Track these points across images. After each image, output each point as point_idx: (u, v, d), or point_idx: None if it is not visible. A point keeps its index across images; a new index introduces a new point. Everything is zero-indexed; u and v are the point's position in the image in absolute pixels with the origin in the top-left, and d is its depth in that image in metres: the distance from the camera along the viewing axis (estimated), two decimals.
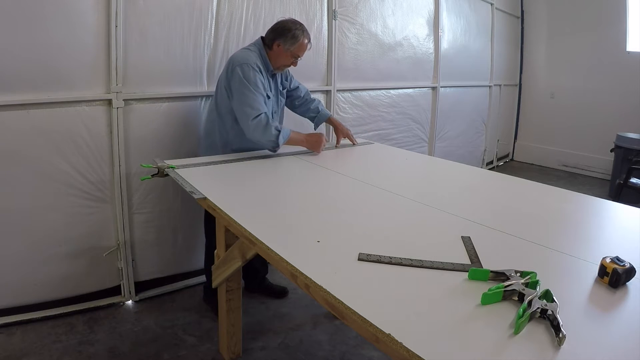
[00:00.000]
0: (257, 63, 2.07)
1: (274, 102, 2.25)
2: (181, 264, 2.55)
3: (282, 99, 2.35)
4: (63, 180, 2.09)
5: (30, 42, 1.90)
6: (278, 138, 2.01)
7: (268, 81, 2.16)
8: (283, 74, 2.32)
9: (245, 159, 2.08)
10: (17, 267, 2.06)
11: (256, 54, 2.11)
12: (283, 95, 2.35)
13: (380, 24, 3.52)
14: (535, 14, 5.70)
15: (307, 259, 1.11)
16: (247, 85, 2.00)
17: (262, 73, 2.08)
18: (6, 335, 2.00)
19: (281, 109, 2.36)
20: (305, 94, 2.48)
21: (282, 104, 2.36)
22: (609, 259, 1.01)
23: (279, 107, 2.32)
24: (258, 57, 2.11)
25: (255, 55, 2.10)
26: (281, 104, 2.34)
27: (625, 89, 4.88)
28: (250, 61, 2.05)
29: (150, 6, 2.20)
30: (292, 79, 2.42)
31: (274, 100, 2.25)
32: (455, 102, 4.59)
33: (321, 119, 2.47)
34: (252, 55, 2.09)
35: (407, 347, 0.78)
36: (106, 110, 2.16)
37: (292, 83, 2.42)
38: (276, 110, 2.29)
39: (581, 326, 0.85)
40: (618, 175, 4.12)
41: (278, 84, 2.28)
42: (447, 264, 1.09)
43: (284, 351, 2.04)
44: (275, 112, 2.28)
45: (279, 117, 2.34)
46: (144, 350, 1.98)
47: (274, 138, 2.01)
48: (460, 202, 1.59)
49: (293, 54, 2.12)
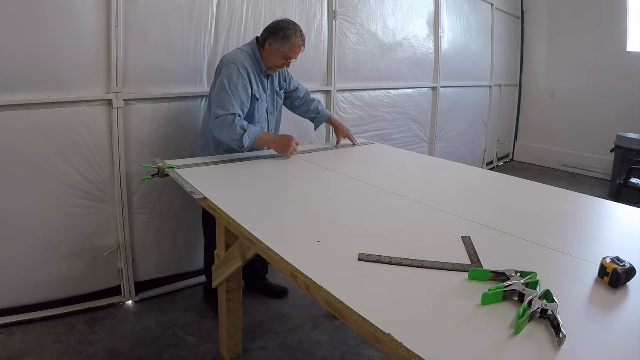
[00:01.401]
0: (245, 64, 2.03)
1: (269, 102, 2.23)
2: (181, 264, 2.55)
3: (279, 100, 2.33)
4: (63, 180, 2.09)
5: (30, 42, 1.91)
6: (243, 137, 1.96)
7: (260, 81, 2.13)
8: (281, 75, 2.31)
9: (245, 159, 2.08)
10: (17, 267, 2.06)
11: (247, 54, 2.08)
12: (280, 95, 2.32)
13: (380, 24, 3.52)
14: (535, 14, 5.71)
15: (307, 259, 1.11)
16: (225, 86, 1.99)
17: (250, 74, 2.04)
18: (6, 335, 2.00)
19: (278, 109, 2.35)
20: (305, 95, 2.47)
21: (278, 104, 2.33)
22: (609, 259, 1.01)
23: (274, 107, 2.30)
24: (248, 57, 2.07)
25: (245, 55, 2.07)
26: (278, 104, 2.32)
27: (625, 89, 4.89)
28: (237, 61, 2.02)
29: (150, 6, 2.21)
30: (291, 79, 2.41)
31: (269, 100, 2.23)
32: (455, 102, 4.59)
33: (321, 119, 2.47)
34: (241, 55, 2.06)
35: (407, 347, 0.78)
36: (106, 110, 2.16)
37: (291, 84, 2.41)
38: (272, 111, 2.27)
39: (581, 326, 0.85)
40: (618, 175, 4.12)
41: (275, 85, 2.26)
42: (447, 264, 1.09)
43: (284, 351, 2.04)
44: (271, 112, 2.27)
45: (274, 118, 2.31)
46: (144, 350, 1.98)
47: (238, 137, 1.96)
48: (460, 202, 1.59)
49: (284, 55, 2.07)
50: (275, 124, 2.34)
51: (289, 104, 2.48)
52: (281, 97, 2.35)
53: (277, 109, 2.34)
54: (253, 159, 2.10)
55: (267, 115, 2.24)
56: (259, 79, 2.13)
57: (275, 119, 2.33)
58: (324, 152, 2.26)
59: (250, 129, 1.99)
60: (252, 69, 2.07)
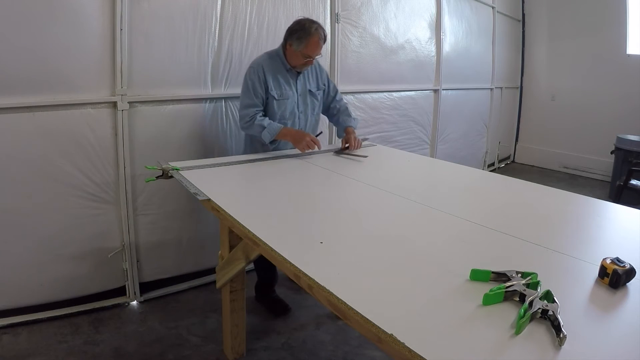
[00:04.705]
0: (263, 64, 2.17)
1: (299, 101, 2.28)
2: (185, 264, 2.57)
3: (315, 101, 2.36)
4: (68, 182, 2.11)
5: (36, 45, 1.93)
6: (262, 134, 2.14)
7: (285, 80, 2.21)
8: (320, 77, 2.36)
9: (248, 162, 2.10)
10: (23, 268, 2.08)
11: (268, 56, 2.22)
12: (315, 96, 2.35)
13: (382, 27, 3.54)
14: (536, 17, 5.72)
15: (310, 260, 1.12)
16: (243, 87, 2.20)
17: (266, 73, 2.15)
18: (12, 336, 2.02)
19: (314, 110, 2.37)
20: (342, 107, 2.47)
21: (314, 105, 2.36)
22: (609, 259, 1.02)
23: (306, 106, 2.32)
24: (268, 58, 2.21)
25: (265, 57, 2.22)
26: (312, 105, 2.34)
27: (626, 91, 4.89)
28: (254, 64, 2.19)
29: (154, 9, 2.23)
30: (334, 89, 2.46)
31: (299, 100, 2.28)
32: (457, 104, 4.60)
33: (340, 129, 2.48)
34: (261, 58, 2.22)
35: (409, 347, 0.79)
36: (111, 113, 2.18)
37: (332, 90, 2.45)
38: (303, 110, 2.31)
39: (582, 326, 0.86)
40: (618, 177, 4.12)
41: (308, 84, 2.31)
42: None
43: (287, 351, 2.05)
44: (302, 111, 2.31)
45: (306, 117, 2.33)
46: (149, 351, 2.00)
47: (258, 134, 2.16)
48: (461, 204, 1.60)
49: (303, 54, 2.15)
50: (307, 123, 2.35)
51: (325, 111, 2.51)
52: (317, 99, 2.37)
53: (311, 109, 2.35)
54: (256, 161, 2.12)
55: (297, 113, 2.29)
56: (283, 78, 2.21)
57: (306, 118, 2.34)
58: (327, 154, 2.27)
59: (271, 126, 2.13)
60: (271, 68, 2.18)
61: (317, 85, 2.36)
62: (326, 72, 2.45)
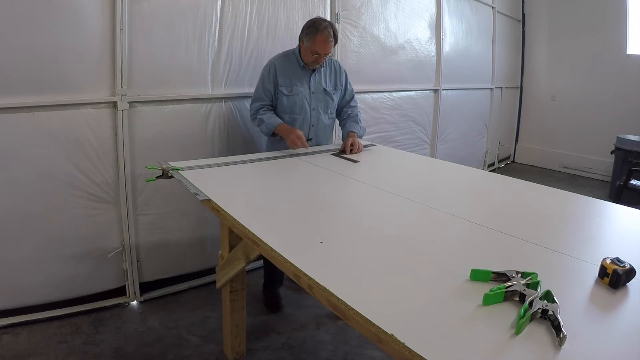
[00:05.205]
0: (275, 62, 2.28)
1: (311, 98, 2.32)
2: (185, 264, 2.57)
3: (330, 100, 2.39)
4: (68, 182, 2.11)
5: (36, 45, 1.93)
6: (260, 127, 2.28)
7: (297, 76, 2.29)
8: (338, 78, 2.42)
9: (248, 162, 2.10)
10: (23, 268, 2.08)
11: (283, 54, 2.34)
12: (330, 96, 2.39)
13: (382, 27, 3.54)
14: (536, 17, 5.72)
15: (310, 260, 1.12)
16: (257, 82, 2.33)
17: (277, 69, 2.26)
18: (12, 336, 2.02)
19: (328, 109, 2.40)
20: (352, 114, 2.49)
21: (327, 103, 2.39)
22: (609, 259, 1.02)
23: (319, 103, 2.36)
24: (282, 55, 2.32)
25: (283, 54, 2.33)
26: (327, 103, 2.38)
27: (626, 91, 4.89)
28: (269, 60, 2.33)
29: (154, 9, 2.23)
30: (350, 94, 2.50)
31: (312, 97, 2.32)
32: (457, 104, 4.60)
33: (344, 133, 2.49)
34: (279, 55, 2.34)
35: (409, 347, 0.79)
36: (111, 113, 2.18)
37: (348, 95, 2.50)
38: (315, 107, 2.35)
39: (582, 326, 0.86)
40: (618, 177, 4.12)
41: (324, 83, 2.36)
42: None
43: (287, 351, 2.05)
44: (314, 109, 2.34)
45: (318, 115, 2.37)
46: (149, 351, 2.00)
47: (257, 127, 2.33)
48: (461, 204, 1.60)
49: (311, 51, 2.20)
50: (318, 121, 2.38)
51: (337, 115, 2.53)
52: (332, 99, 2.41)
53: (324, 107, 2.38)
54: (256, 161, 2.12)
55: (308, 110, 2.32)
56: (296, 75, 2.29)
57: (318, 115, 2.37)
58: (326, 154, 2.27)
59: (269, 120, 2.24)
60: (284, 65, 2.28)
61: (335, 85, 2.41)
62: (346, 74, 2.49)
